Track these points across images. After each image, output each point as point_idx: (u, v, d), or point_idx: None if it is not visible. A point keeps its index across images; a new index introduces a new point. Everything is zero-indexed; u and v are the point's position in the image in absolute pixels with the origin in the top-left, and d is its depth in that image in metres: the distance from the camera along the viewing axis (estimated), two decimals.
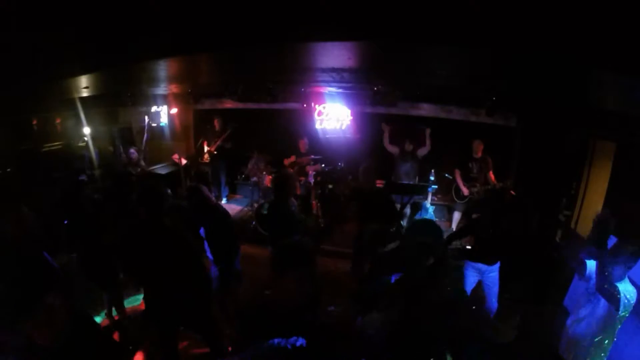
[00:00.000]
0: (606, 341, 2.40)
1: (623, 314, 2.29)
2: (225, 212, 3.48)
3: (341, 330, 2.08)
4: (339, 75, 3.76)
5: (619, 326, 2.37)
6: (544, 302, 4.20)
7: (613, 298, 2.26)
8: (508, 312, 3.71)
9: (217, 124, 6.90)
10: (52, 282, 2.50)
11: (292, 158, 6.51)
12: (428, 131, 5.90)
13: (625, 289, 2.28)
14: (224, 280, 3.43)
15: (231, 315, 3.66)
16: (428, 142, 5.91)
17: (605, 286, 2.27)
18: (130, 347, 3.33)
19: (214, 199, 3.75)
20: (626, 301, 2.26)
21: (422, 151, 5.95)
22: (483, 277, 3.50)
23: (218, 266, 3.40)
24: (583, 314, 2.53)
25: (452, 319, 1.91)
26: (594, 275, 2.47)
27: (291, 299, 1.79)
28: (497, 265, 3.46)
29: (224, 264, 3.40)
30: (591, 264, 2.51)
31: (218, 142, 6.81)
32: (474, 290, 3.60)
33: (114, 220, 3.27)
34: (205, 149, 7.01)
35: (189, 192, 3.45)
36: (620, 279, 2.31)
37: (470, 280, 3.53)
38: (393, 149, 6.08)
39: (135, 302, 4.04)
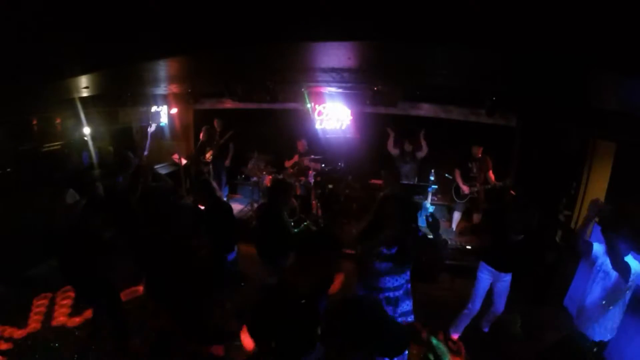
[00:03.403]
0: (614, 308, 2.68)
1: (629, 284, 2.58)
2: (229, 207, 3.58)
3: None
4: (339, 75, 3.76)
5: (626, 297, 2.65)
6: (544, 302, 4.20)
7: (625, 272, 2.51)
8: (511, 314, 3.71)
9: (217, 124, 6.91)
10: None
11: (296, 157, 6.50)
12: (422, 133, 5.89)
13: (631, 263, 2.55)
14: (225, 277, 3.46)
15: (230, 315, 3.66)
16: (424, 143, 5.91)
17: (619, 263, 2.50)
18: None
19: (223, 197, 3.80)
20: (633, 274, 2.53)
21: (420, 154, 5.96)
22: (497, 282, 3.42)
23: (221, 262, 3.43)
24: (595, 287, 2.79)
25: None
26: (599, 255, 2.80)
27: (311, 283, 1.88)
28: (510, 274, 3.41)
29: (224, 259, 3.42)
30: (597, 246, 2.83)
31: (219, 143, 6.81)
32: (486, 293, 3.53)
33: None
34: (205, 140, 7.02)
35: (198, 185, 3.51)
36: (626, 252, 2.58)
37: (484, 284, 3.45)
38: (394, 151, 6.10)
39: None
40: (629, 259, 2.59)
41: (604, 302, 2.70)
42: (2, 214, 4.33)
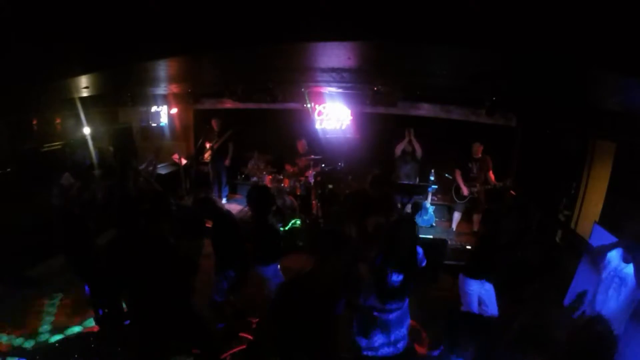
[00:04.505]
0: (629, 307, 2.70)
1: None
2: (234, 219, 3.51)
3: None
4: (339, 75, 3.76)
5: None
6: (545, 302, 4.20)
7: None
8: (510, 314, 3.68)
9: (215, 124, 6.87)
10: None
11: (295, 169, 6.47)
12: (411, 132, 5.83)
13: None
14: (232, 283, 3.41)
15: (230, 316, 3.65)
16: (416, 143, 5.86)
17: None
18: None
19: (223, 206, 3.72)
20: None
21: (417, 154, 5.94)
22: (481, 290, 3.33)
23: (227, 270, 3.38)
24: (611, 294, 2.77)
25: None
26: (612, 260, 2.80)
27: (331, 280, 1.92)
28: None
29: (234, 267, 3.37)
30: (610, 253, 2.82)
31: (220, 142, 6.78)
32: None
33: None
34: (207, 145, 6.98)
35: (199, 203, 3.42)
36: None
37: (474, 297, 3.32)
38: (398, 151, 6.09)
39: None
40: None
41: (622, 307, 2.69)
42: (2, 214, 4.33)
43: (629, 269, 2.68)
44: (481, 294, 3.32)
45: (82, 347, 3.33)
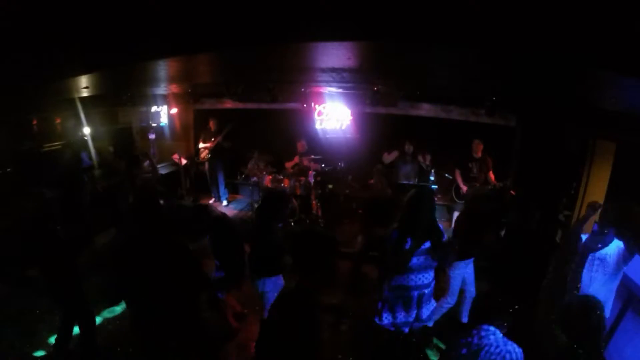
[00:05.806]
0: (613, 287, 2.87)
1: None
2: (231, 221, 3.47)
3: None
4: (339, 75, 3.76)
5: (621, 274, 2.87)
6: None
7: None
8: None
9: (212, 124, 6.79)
10: None
11: (296, 159, 6.49)
12: (425, 156, 5.93)
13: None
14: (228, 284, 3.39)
15: (228, 318, 3.64)
16: (428, 158, 5.94)
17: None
18: None
19: (217, 209, 3.67)
20: None
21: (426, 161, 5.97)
22: (466, 269, 3.52)
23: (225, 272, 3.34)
24: (595, 275, 2.90)
25: None
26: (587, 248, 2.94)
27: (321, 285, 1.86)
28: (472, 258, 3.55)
29: (232, 270, 3.33)
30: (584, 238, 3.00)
31: (216, 141, 6.74)
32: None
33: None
34: (201, 145, 6.94)
35: (197, 220, 3.35)
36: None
37: (459, 279, 3.51)
38: (392, 156, 6.09)
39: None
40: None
41: (606, 286, 2.82)
42: (2, 213, 4.34)
43: (605, 249, 2.83)
44: (465, 275, 3.54)
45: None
